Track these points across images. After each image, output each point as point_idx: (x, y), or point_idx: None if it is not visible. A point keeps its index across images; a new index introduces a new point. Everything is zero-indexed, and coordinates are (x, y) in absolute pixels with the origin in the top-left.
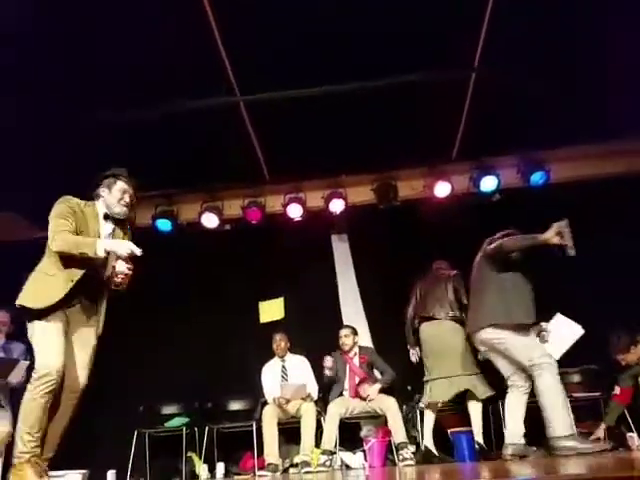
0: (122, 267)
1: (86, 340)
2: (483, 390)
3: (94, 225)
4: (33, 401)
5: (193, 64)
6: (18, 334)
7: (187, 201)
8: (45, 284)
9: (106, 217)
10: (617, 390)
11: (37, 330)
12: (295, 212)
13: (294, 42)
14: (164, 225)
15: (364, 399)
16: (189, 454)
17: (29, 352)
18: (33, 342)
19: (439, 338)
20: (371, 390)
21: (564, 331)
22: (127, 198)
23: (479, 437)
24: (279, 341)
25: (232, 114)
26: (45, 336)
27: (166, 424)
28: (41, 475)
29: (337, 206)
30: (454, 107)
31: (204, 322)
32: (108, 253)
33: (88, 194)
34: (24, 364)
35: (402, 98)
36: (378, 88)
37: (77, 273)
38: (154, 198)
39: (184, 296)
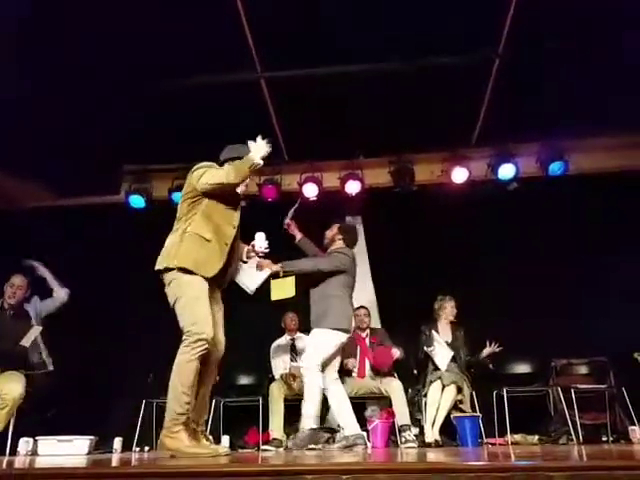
0: (263, 243)
1: (219, 301)
2: None
3: None
4: (190, 362)
5: (216, 40)
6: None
7: None
8: (205, 250)
9: None
10: None
11: (191, 296)
12: (311, 191)
13: (316, 21)
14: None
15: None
16: None
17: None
18: (182, 306)
19: None
20: None
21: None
22: (248, 179)
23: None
24: (291, 320)
25: (253, 91)
26: (199, 303)
27: None
28: (197, 439)
29: (353, 187)
30: (476, 92)
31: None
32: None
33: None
34: (37, 329)
35: (424, 81)
36: (399, 70)
37: (229, 235)
38: (172, 172)
39: None
